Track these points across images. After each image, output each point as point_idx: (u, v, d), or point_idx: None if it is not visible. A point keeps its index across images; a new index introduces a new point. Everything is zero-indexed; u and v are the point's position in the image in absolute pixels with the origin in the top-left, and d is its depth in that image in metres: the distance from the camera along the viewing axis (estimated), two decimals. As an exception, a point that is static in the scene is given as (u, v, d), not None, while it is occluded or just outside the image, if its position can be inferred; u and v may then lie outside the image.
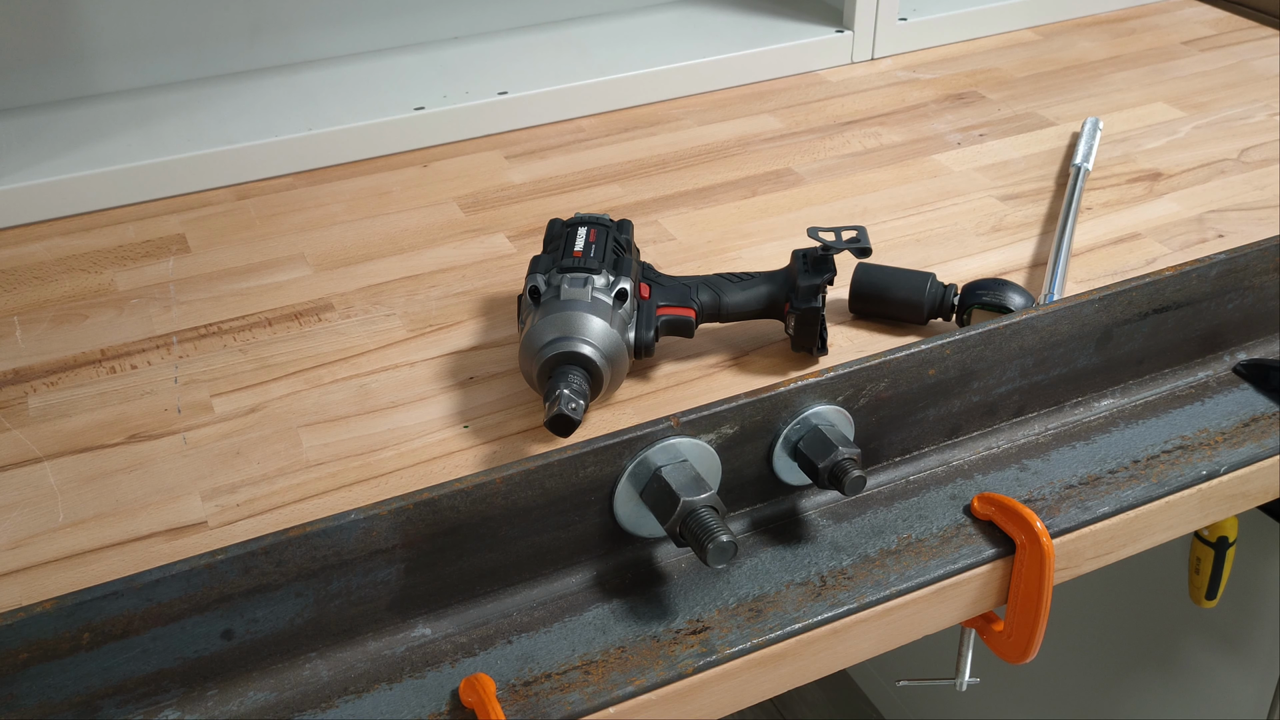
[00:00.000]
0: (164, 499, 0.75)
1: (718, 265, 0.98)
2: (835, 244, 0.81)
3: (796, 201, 1.09)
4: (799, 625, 0.68)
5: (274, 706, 0.63)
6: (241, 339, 0.91)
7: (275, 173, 1.15)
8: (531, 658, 0.66)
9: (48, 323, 0.93)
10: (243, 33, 1.26)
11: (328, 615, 0.64)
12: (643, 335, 0.81)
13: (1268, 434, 0.82)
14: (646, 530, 0.71)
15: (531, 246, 1.01)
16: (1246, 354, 0.89)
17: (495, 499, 0.65)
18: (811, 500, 0.77)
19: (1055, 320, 0.79)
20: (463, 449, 0.79)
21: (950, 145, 1.19)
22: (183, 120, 1.17)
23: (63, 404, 0.84)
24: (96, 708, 0.61)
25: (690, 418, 0.69)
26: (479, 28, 1.37)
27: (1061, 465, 0.80)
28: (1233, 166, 1.13)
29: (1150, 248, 1.00)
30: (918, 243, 1.02)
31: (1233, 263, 0.84)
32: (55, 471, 0.78)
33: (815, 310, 0.82)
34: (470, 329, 0.91)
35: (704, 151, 1.19)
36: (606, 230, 0.85)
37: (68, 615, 0.58)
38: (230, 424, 0.82)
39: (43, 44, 1.17)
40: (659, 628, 0.68)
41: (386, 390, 0.85)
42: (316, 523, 0.62)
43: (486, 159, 1.18)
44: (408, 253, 1.02)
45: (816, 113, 1.26)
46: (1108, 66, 1.36)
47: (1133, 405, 0.85)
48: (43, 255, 1.02)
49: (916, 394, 0.77)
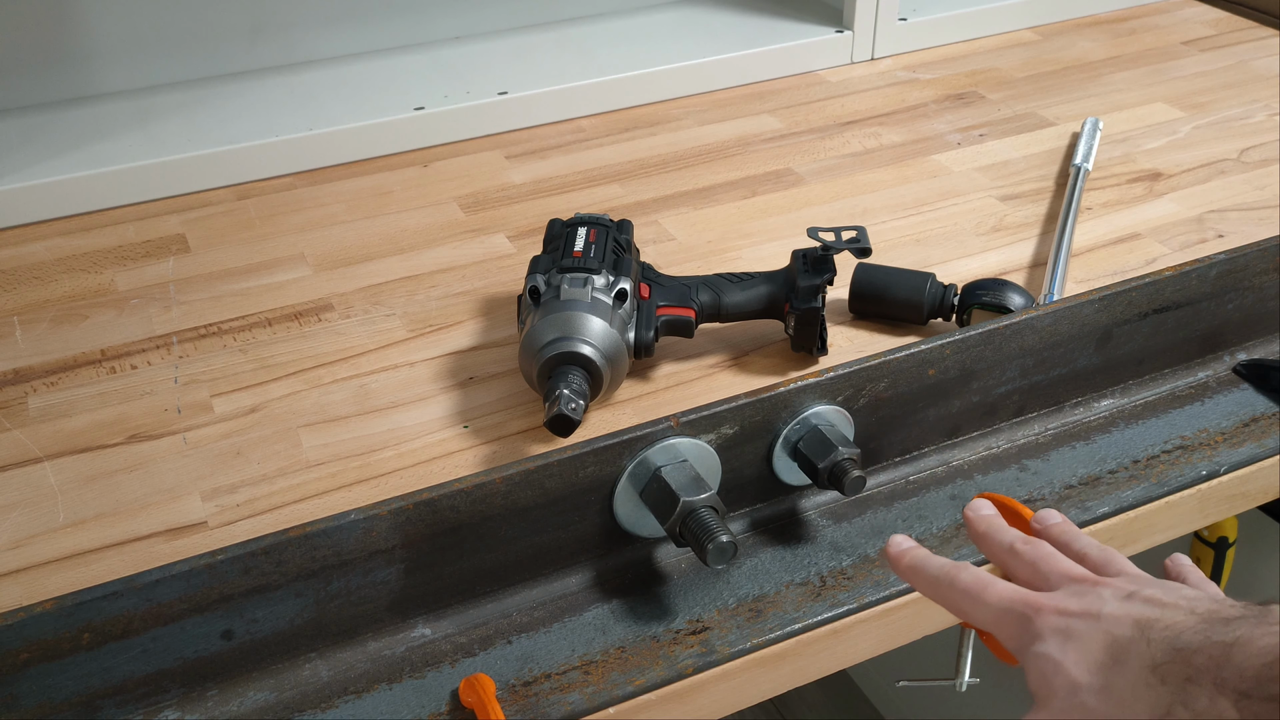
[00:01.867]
0: (164, 499, 0.75)
1: (718, 265, 0.98)
2: (835, 244, 0.81)
3: (796, 201, 1.09)
4: (799, 625, 0.68)
5: (274, 706, 0.63)
6: (241, 339, 0.91)
7: (275, 173, 1.15)
8: (531, 658, 0.66)
9: (48, 323, 0.93)
10: (243, 33, 1.25)
11: (328, 615, 0.64)
12: (643, 335, 0.81)
13: (1268, 434, 0.82)
14: (646, 530, 0.71)
15: (531, 246, 1.01)
16: (1246, 354, 0.89)
17: (495, 499, 0.65)
18: (811, 500, 0.77)
19: (1055, 320, 0.79)
20: (463, 449, 0.79)
21: (950, 145, 1.19)
22: (183, 120, 1.17)
23: (63, 404, 0.84)
24: (96, 708, 0.61)
25: (690, 418, 0.69)
26: (479, 28, 1.37)
27: (1061, 465, 0.80)
28: (1233, 166, 1.13)
29: (1150, 248, 1.00)
30: (917, 243, 1.02)
31: (1233, 263, 0.84)
32: (55, 471, 0.78)
33: (815, 310, 0.82)
34: (470, 329, 0.91)
35: (704, 151, 1.19)
36: (606, 230, 0.85)
37: (68, 615, 0.58)
38: (230, 424, 0.82)
39: (43, 44, 1.17)
40: (659, 628, 0.68)
41: (386, 390, 0.85)
42: (316, 523, 0.62)
43: (486, 159, 1.18)
44: (408, 253, 1.02)
45: (816, 113, 1.26)
46: (1108, 66, 1.36)
47: (1133, 405, 0.85)
48: (43, 255, 1.02)
49: (916, 394, 0.77)
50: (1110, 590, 0.52)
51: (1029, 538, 0.58)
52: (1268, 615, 0.46)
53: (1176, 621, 0.48)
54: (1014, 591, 0.54)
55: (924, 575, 0.58)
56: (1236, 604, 0.48)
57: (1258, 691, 0.44)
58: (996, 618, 0.54)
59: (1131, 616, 0.49)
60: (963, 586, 0.55)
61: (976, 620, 0.55)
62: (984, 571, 0.55)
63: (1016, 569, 0.57)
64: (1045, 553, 0.56)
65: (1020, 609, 0.53)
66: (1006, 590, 0.54)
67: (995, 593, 0.54)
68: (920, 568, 0.58)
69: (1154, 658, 0.47)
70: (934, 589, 0.57)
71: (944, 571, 0.56)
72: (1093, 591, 0.52)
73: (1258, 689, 0.44)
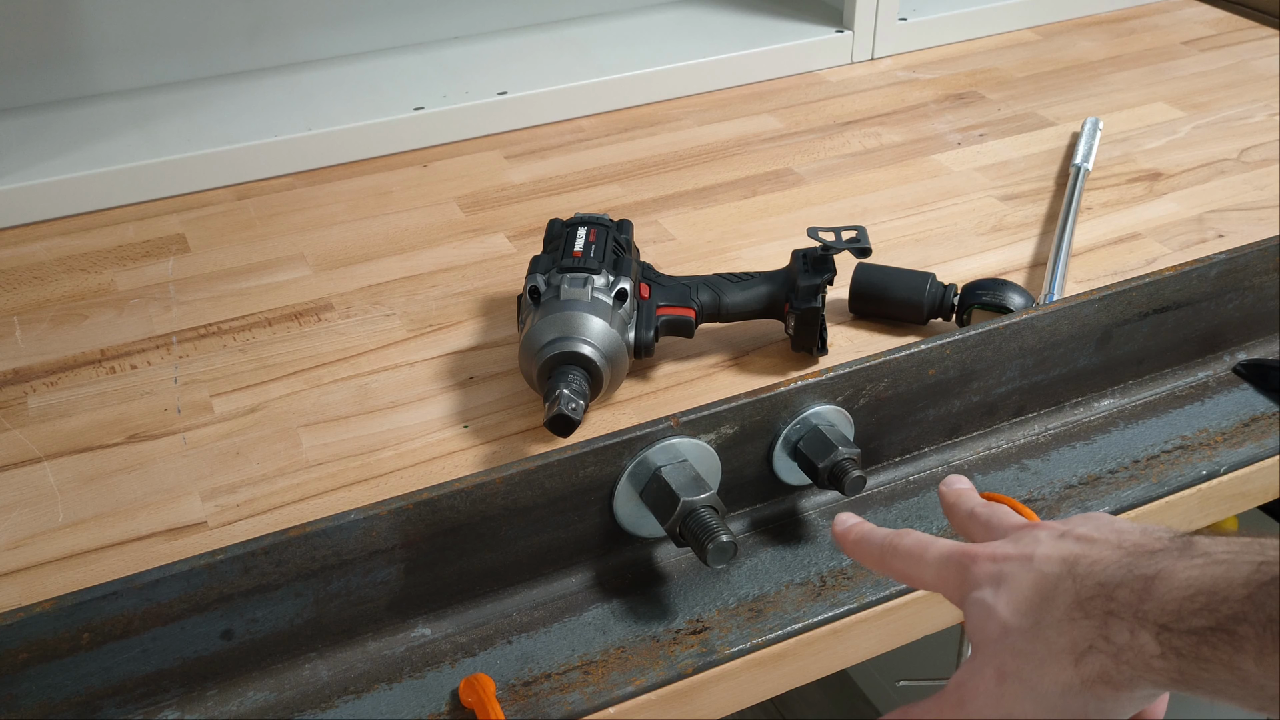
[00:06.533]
0: (164, 499, 0.75)
1: (718, 265, 0.98)
2: (835, 244, 0.81)
3: (796, 201, 1.09)
4: (799, 625, 0.68)
5: (274, 706, 0.63)
6: (241, 339, 0.91)
7: (275, 173, 1.15)
8: (531, 658, 0.66)
9: (48, 323, 0.93)
10: (243, 33, 1.25)
11: (327, 615, 0.64)
12: (643, 335, 0.81)
13: (1268, 434, 0.82)
14: (646, 530, 0.71)
15: (531, 246, 1.01)
16: (1246, 354, 0.89)
17: (495, 499, 0.65)
18: (811, 500, 0.77)
19: (1055, 320, 0.79)
20: (463, 449, 0.79)
21: (950, 145, 1.19)
22: (183, 120, 1.17)
23: (63, 404, 0.84)
24: (96, 708, 0.61)
25: (690, 418, 0.69)
26: (479, 28, 1.37)
27: (1061, 465, 0.80)
28: (1233, 166, 1.13)
29: (1150, 248, 1.00)
30: (918, 243, 1.02)
31: (1233, 263, 0.84)
32: (55, 471, 0.78)
33: (815, 310, 0.82)
34: (470, 329, 0.91)
35: (704, 151, 1.18)
36: (606, 230, 0.85)
37: (68, 615, 0.58)
38: (230, 424, 0.82)
39: (43, 44, 1.17)
40: (659, 628, 0.68)
41: (386, 390, 0.85)
42: (316, 523, 0.62)
43: (486, 159, 1.18)
44: (408, 253, 1.02)
45: (816, 113, 1.26)
46: (1108, 66, 1.36)
47: (1133, 405, 0.85)
48: (43, 255, 1.02)
49: (916, 394, 0.77)
50: (1046, 532, 0.52)
51: (988, 502, 0.58)
52: (1191, 548, 0.46)
53: (1102, 557, 0.48)
54: (952, 546, 0.54)
55: (869, 547, 0.58)
56: (1163, 535, 0.48)
57: (1178, 625, 0.43)
58: (936, 573, 0.54)
59: (1060, 554, 0.49)
60: (905, 550, 0.55)
61: (922, 582, 0.55)
62: (925, 534, 0.56)
63: (974, 532, 0.57)
64: (999, 511, 0.57)
65: (958, 559, 0.53)
66: (945, 545, 0.54)
67: (935, 550, 0.54)
68: (866, 539, 0.58)
69: (1079, 593, 0.47)
70: (880, 558, 0.57)
71: (887, 540, 0.57)
72: (1029, 534, 0.52)
73: (1177, 622, 0.43)
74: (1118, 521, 0.51)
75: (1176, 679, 0.44)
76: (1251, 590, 0.42)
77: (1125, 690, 0.45)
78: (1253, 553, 0.44)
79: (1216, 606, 0.42)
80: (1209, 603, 0.43)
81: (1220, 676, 0.42)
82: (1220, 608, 0.42)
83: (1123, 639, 0.45)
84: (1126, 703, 0.46)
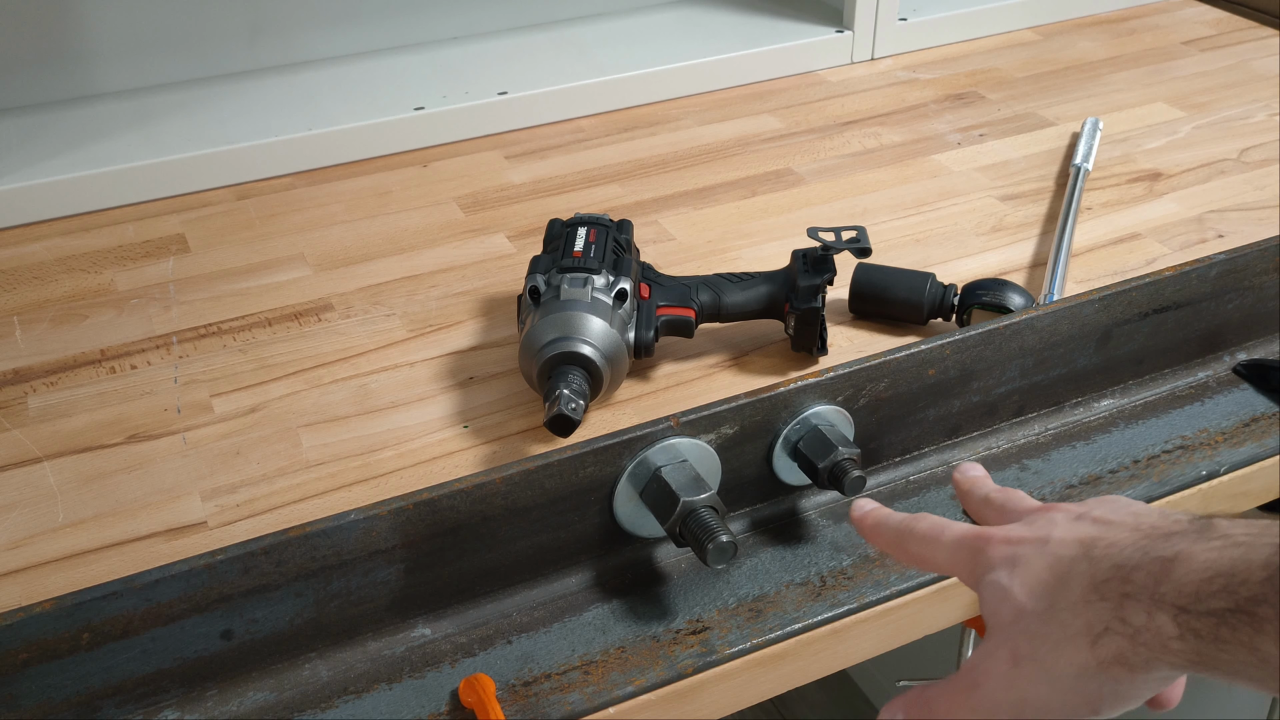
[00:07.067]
0: (164, 499, 0.75)
1: (718, 265, 0.98)
2: (835, 244, 0.81)
3: (796, 201, 1.09)
4: (799, 625, 0.68)
5: (274, 706, 0.63)
6: (241, 339, 0.91)
7: (275, 173, 1.15)
8: (531, 658, 0.66)
9: (48, 323, 0.93)
10: (243, 33, 1.25)
11: (327, 615, 0.64)
12: (643, 335, 0.81)
13: (1268, 434, 0.82)
14: (646, 530, 0.71)
15: (531, 246, 1.01)
16: (1246, 354, 0.89)
17: (495, 499, 0.65)
18: (811, 500, 0.77)
19: (1055, 320, 0.79)
20: (463, 449, 0.79)
21: (950, 145, 1.19)
22: (183, 120, 1.17)
23: (63, 404, 0.84)
24: (96, 708, 0.61)
25: (690, 418, 0.69)
26: (479, 28, 1.37)
27: (1061, 465, 0.80)
28: (1233, 166, 1.13)
29: (1150, 248, 1.00)
30: (917, 243, 1.02)
31: (1233, 263, 0.84)
32: (55, 471, 0.78)
33: (815, 310, 0.82)
34: (470, 329, 0.91)
35: (704, 151, 1.18)
36: (606, 230, 0.85)
37: (67, 615, 0.58)
38: (230, 424, 0.82)
39: (43, 44, 1.17)
40: (659, 628, 0.68)
41: (386, 390, 0.85)
42: (316, 523, 0.62)
43: (486, 159, 1.18)
44: (408, 253, 1.02)
45: (816, 113, 1.26)
46: (1108, 66, 1.36)
47: (1133, 405, 0.85)
48: (43, 255, 1.02)
49: (916, 394, 0.77)
50: (1062, 514, 0.52)
51: (1003, 488, 0.58)
52: (1209, 530, 0.46)
53: (1119, 539, 0.48)
54: (968, 529, 0.54)
55: (886, 531, 0.58)
56: (1181, 518, 0.48)
57: (1196, 606, 0.43)
58: (950, 556, 0.54)
59: (1076, 536, 0.49)
60: (920, 533, 0.55)
61: (936, 565, 0.55)
62: (941, 518, 0.56)
63: (989, 516, 0.57)
64: (1014, 495, 0.57)
65: (972, 542, 0.53)
66: (961, 528, 0.54)
67: (951, 533, 0.54)
68: (883, 524, 0.58)
69: (1095, 575, 0.47)
70: (897, 542, 0.57)
71: (904, 523, 0.57)
72: (1044, 517, 0.52)
73: (1196, 604, 0.43)
74: (1135, 504, 0.51)
75: (1194, 661, 0.44)
76: (1271, 572, 0.42)
77: (1141, 672, 0.45)
78: (1272, 535, 0.43)
79: (1236, 588, 0.42)
80: (1228, 585, 0.43)
81: (1239, 658, 0.42)
82: (1240, 589, 0.42)
83: (1139, 621, 0.45)
84: (1142, 685, 0.46)
